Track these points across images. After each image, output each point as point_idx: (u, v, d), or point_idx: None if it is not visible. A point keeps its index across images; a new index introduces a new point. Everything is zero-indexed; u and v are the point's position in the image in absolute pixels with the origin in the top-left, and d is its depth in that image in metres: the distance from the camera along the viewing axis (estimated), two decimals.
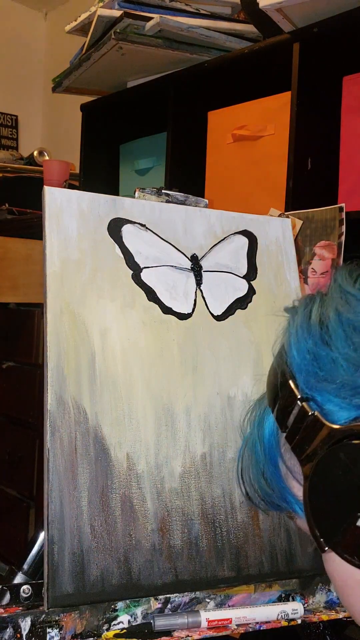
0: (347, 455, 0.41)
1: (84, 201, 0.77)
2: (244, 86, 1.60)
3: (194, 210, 0.84)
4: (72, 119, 2.24)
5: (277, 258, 0.86)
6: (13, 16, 2.73)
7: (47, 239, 0.74)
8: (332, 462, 0.42)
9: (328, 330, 0.44)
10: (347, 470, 0.41)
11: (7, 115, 2.75)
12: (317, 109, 1.40)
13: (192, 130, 1.67)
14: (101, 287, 0.75)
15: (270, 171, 1.45)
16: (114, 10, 1.57)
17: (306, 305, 0.47)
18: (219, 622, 0.69)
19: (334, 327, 0.43)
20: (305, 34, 1.36)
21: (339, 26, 1.30)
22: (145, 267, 0.78)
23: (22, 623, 0.63)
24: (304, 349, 0.45)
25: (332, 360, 0.43)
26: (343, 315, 0.43)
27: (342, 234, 1.24)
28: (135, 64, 1.72)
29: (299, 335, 0.45)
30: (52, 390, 0.69)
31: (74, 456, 0.68)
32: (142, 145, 1.94)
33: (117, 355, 0.73)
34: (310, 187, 1.38)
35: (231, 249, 0.84)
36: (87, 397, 0.70)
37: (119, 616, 0.67)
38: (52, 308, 0.71)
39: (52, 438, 0.68)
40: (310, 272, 1.30)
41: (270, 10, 1.32)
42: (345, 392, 0.42)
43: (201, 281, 0.81)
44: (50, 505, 0.66)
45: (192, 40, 1.59)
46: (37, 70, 2.82)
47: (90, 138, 2.03)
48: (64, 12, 2.68)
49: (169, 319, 0.78)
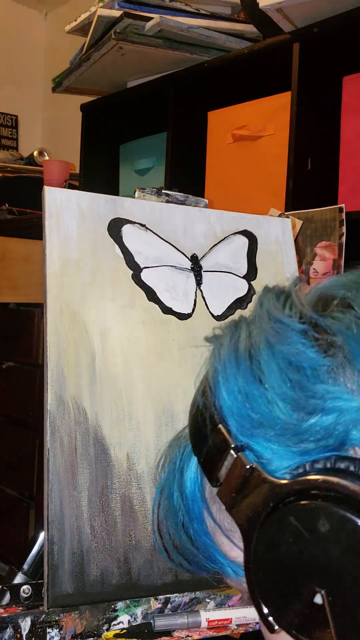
0: (297, 519, 0.34)
1: (84, 201, 0.76)
2: (244, 86, 1.60)
3: (194, 210, 0.84)
4: (72, 119, 2.24)
5: (277, 258, 0.86)
6: (13, 16, 2.73)
7: (47, 239, 0.74)
8: (279, 527, 0.35)
9: (260, 365, 0.37)
10: (298, 537, 0.34)
11: (7, 115, 2.75)
12: (317, 109, 1.40)
13: (192, 130, 1.67)
14: (101, 287, 0.75)
15: (270, 171, 1.45)
16: (114, 10, 1.57)
17: (232, 335, 0.41)
18: (219, 622, 0.69)
19: (266, 362, 0.37)
20: (305, 34, 1.36)
21: (339, 26, 1.30)
22: (145, 267, 0.78)
23: (22, 623, 0.63)
24: (234, 388, 0.38)
25: (267, 401, 0.36)
26: (275, 347, 0.37)
27: (343, 234, 1.24)
28: (135, 64, 1.72)
29: (227, 371, 0.39)
30: (52, 390, 0.69)
31: (74, 456, 0.68)
32: (142, 145, 1.94)
33: (117, 355, 0.73)
34: (310, 187, 1.38)
35: (231, 249, 0.84)
36: (87, 397, 0.70)
37: (119, 616, 0.67)
38: (52, 308, 0.71)
39: (52, 438, 0.67)
40: (312, 272, 1.30)
41: (270, 10, 1.32)
42: (285, 438, 0.36)
43: (201, 281, 0.81)
44: (50, 505, 0.66)
45: (192, 40, 1.59)
46: (37, 70, 2.82)
47: (90, 138, 2.03)
48: (64, 12, 2.68)
49: (169, 319, 0.78)
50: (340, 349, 0.36)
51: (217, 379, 0.39)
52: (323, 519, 0.33)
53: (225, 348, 0.40)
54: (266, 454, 0.37)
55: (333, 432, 0.35)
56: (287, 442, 0.36)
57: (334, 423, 0.35)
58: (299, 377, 0.36)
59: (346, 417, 0.35)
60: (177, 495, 0.44)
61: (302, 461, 0.35)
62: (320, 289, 0.41)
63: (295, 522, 0.34)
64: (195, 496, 0.43)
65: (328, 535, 0.33)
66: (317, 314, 0.38)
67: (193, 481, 0.43)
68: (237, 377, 0.38)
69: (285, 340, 0.37)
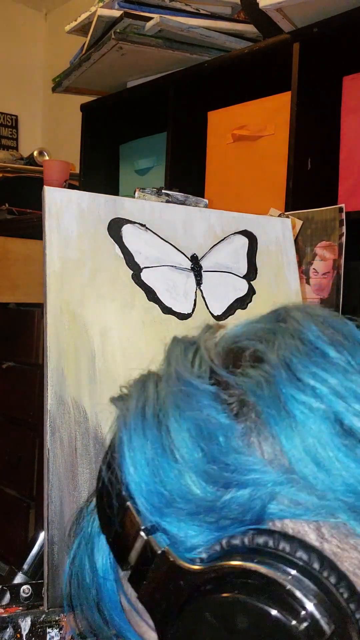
0: (214, 615, 0.30)
1: (84, 201, 0.76)
2: (244, 86, 1.60)
3: (194, 210, 0.84)
4: (72, 119, 2.24)
5: (277, 258, 0.86)
6: (13, 16, 2.73)
7: (47, 239, 0.74)
8: (195, 623, 0.31)
9: (169, 432, 0.34)
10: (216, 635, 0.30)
11: (7, 115, 2.76)
12: (317, 109, 1.40)
13: (192, 130, 1.67)
14: (101, 287, 0.75)
15: (270, 171, 1.45)
16: (114, 10, 1.57)
17: (138, 397, 0.37)
18: None
19: (175, 429, 0.34)
20: (305, 34, 1.36)
21: (339, 26, 1.30)
22: (145, 267, 0.78)
23: (22, 623, 0.63)
24: (142, 460, 0.34)
25: (178, 475, 0.33)
26: (185, 412, 0.34)
27: (343, 234, 1.24)
28: (135, 64, 1.72)
29: (134, 441, 0.35)
30: (52, 390, 0.69)
31: (74, 456, 0.68)
32: (142, 145, 1.94)
33: (117, 355, 0.73)
34: (310, 187, 1.38)
35: (231, 249, 0.84)
36: (87, 397, 0.70)
37: None
38: (52, 308, 0.71)
39: (52, 438, 0.67)
40: (312, 272, 1.30)
41: (270, 10, 1.32)
42: (199, 515, 0.33)
43: (201, 281, 0.81)
44: (50, 505, 0.66)
45: (192, 40, 1.59)
46: (37, 70, 2.82)
47: (90, 138, 2.03)
48: (64, 12, 2.68)
49: (169, 319, 0.78)
50: (252, 409, 0.34)
51: (123, 451, 0.35)
52: (241, 615, 0.30)
53: (130, 413, 0.36)
54: (180, 534, 0.33)
55: (249, 508, 0.32)
56: (201, 519, 0.33)
57: (249, 498, 0.32)
58: (210, 446, 0.33)
59: (262, 490, 0.32)
60: (89, 572, 0.39)
61: (219, 537, 0.32)
62: (232, 338, 0.38)
63: (212, 618, 0.31)
64: (108, 573, 0.38)
65: (247, 633, 0.30)
66: (228, 370, 0.35)
67: (105, 558, 0.38)
68: (145, 447, 0.34)
69: (195, 404, 0.34)
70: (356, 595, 0.30)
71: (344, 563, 0.32)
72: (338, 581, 0.30)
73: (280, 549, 0.31)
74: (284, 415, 0.33)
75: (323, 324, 0.37)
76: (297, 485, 0.32)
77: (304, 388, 0.33)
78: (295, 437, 0.32)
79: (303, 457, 0.32)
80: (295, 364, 0.34)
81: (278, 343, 0.36)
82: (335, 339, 0.35)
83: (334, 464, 0.32)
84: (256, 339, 0.37)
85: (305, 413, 0.32)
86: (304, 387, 0.33)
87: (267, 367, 0.34)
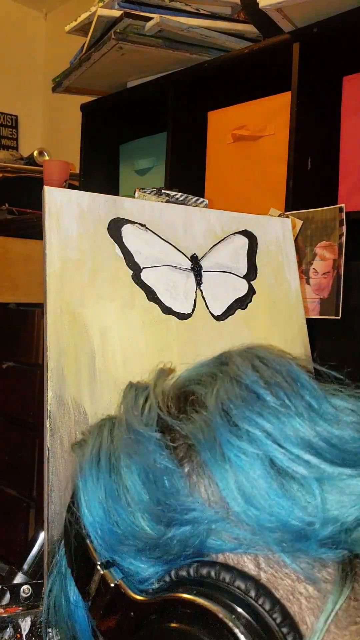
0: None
1: (83, 201, 0.76)
2: (244, 86, 1.60)
3: (194, 210, 0.84)
4: (72, 119, 2.24)
5: (277, 258, 0.86)
6: (13, 16, 2.74)
7: (46, 239, 0.74)
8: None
9: (121, 477, 0.37)
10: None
11: (7, 115, 2.76)
12: (317, 109, 1.40)
13: (192, 130, 1.67)
14: (101, 287, 0.75)
15: (270, 171, 1.45)
16: (114, 10, 1.57)
17: (94, 443, 0.40)
18: None
19: (126, 474, 0.37)
20: (305, 34, 1.36)
21: (339, 26, 1.30)
22: (145, 267, 0.78)
23: (22, 623, 0.63)
24: (96, 503, 0.38)
25: (129, 515, 0.36)
26: (134, 458, 0.37)
27: (343, 234, 1.24)
28: (135, 64, 1.72)
29: (89, 485, 0.38)
30: (52, 390, 0.69)
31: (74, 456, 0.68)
32: (142, 145, 1.94)
33: (117, 355, 0.73)
34: (310, 187, 1.38)
35: (231, 249, 0.84)
36: (87, 397, 0.70)
37: None
38: (52, 308, 0.71)
39: (52, 438, 0.67)
40: (312, 272, 1.30)
41: (270, 10, 1.32)
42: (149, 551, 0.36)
43: (201, 281, 0.81)
44: (50, 505, 0.66)
45: (192, 40, 1.59)
46: (37, 70, 2.82)
47: (90, 138, 2.03)
48: (64, 12, 2.68)
49: (169, 319, 0.78)
50: (194, 453, 0.37)
51: (79, 496, 0.39)
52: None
53: (86, 460, 0.40)
54: (132, 567, 0.37)
55: (190, 543, 0.35)
56: (151, 554, 0.36)
57: (189, 535, 0.35)
58: (156, 489, 0.36)
59: (201, 527, 0.35)
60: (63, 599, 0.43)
61: (168, 569, 0.36)
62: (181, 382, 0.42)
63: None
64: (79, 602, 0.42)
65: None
66: (173, 416, 0.39)
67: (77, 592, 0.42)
68: (98, 492, 0.38)
69: (143, 450, 0.37)
70: (288, 619, 0.33)
71: (279, 590, 0.35)
72: (272, 607, 0.33)
73: (220, 579, 0.34)
74: (220, 458, 0.36)
75: (265, 365, 0.40)
76: (232, 522, 0.35)
77: (239, 433, 0.36)
78: (230, 478, 0.36)
79: (236, 496, 0.35)
80: (232, 409, 0.37)
81: (217, 388, 0.39)
82: (274, 382, 0.39)
83: (265, 502, 0.35)
84: (200, 384, 0.41)
85: (239, 456, 0.36)
86: (239, 431, 0.36)
87: (206, 413, 0.38)
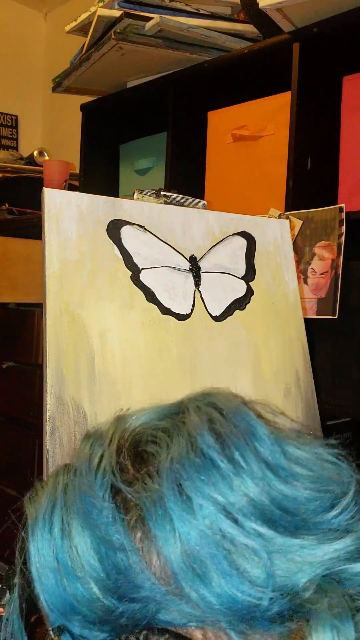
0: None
1: (83, 203, 0.77)
2: (244, 86, 1.60)
3: (193, 211, 0.84)
4: (72, 119, 2.24)
5: (275, 259, 0.86)
6: (13, 16, 2.74)
7: (46, 241, 0.74)
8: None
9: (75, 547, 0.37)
10: None
11: (7, 115, 2.76)
12: (317, 109, 1.40)
13: (192, 130, 1.67)
14: (100, 288, 0.75)
15: (270, 171, 1.46)
16: (114, 10, 1.57)
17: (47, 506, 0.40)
18: None
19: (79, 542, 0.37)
20: (305, 34, 1.36)
21: (339, 26, 1.30)
22: (144, 268, 0.78)
23: None
24: (48, 571, 0.38)
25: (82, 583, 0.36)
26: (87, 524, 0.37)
27: (342, 234, 1.24)
28: (135, 64, 1.72)
29: (41, 552, 0.38)
30: (51, 391, 0.69)
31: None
32: (142, 145, 1.94)
33: (116, 355, 0.74)
34: (310, 187, 1.38)
35: (229, 250, 0.84)
36: (86, 397, 0.71)
37: None
38: (52, 309, 0.72)
39: (51, 438, 0.68)
40: (310, 272, 1.30)
41: (270, 10, 1.32)
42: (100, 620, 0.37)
43: (200, 282, 0.81)
44: None
45: (192, 40, 1.59)
46: (37, 70, 2.82)
47: (90, 138, 2.03)
48: (64, 12, 2.68)
49: (168, 320, 0.78)
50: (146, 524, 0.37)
51: (31, 561, 0.38)
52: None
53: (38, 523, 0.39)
54: (83, 634, 0.37)
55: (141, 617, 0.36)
56: (101, 623, 0.36)
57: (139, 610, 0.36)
58: (108, 561, 0.36)
59: (150, 605, 0.36)
60: None
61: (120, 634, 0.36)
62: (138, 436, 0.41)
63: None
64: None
65: None
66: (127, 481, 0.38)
67: None
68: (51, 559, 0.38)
69: (96, 518, 0.37)
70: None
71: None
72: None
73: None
74: (170, 532, 0.36)
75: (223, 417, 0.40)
76: (180, 599, 0.35)
77: (190, 506, 0.36)
78: (179, 553, 0.36)
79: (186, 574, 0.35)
80: (185, 480, 0.37)
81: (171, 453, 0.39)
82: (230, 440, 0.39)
83: (214, 579, 0.35)
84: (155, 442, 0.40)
85: (190, 533, 0.36)
86: (190, 504, 0.36)
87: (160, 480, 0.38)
